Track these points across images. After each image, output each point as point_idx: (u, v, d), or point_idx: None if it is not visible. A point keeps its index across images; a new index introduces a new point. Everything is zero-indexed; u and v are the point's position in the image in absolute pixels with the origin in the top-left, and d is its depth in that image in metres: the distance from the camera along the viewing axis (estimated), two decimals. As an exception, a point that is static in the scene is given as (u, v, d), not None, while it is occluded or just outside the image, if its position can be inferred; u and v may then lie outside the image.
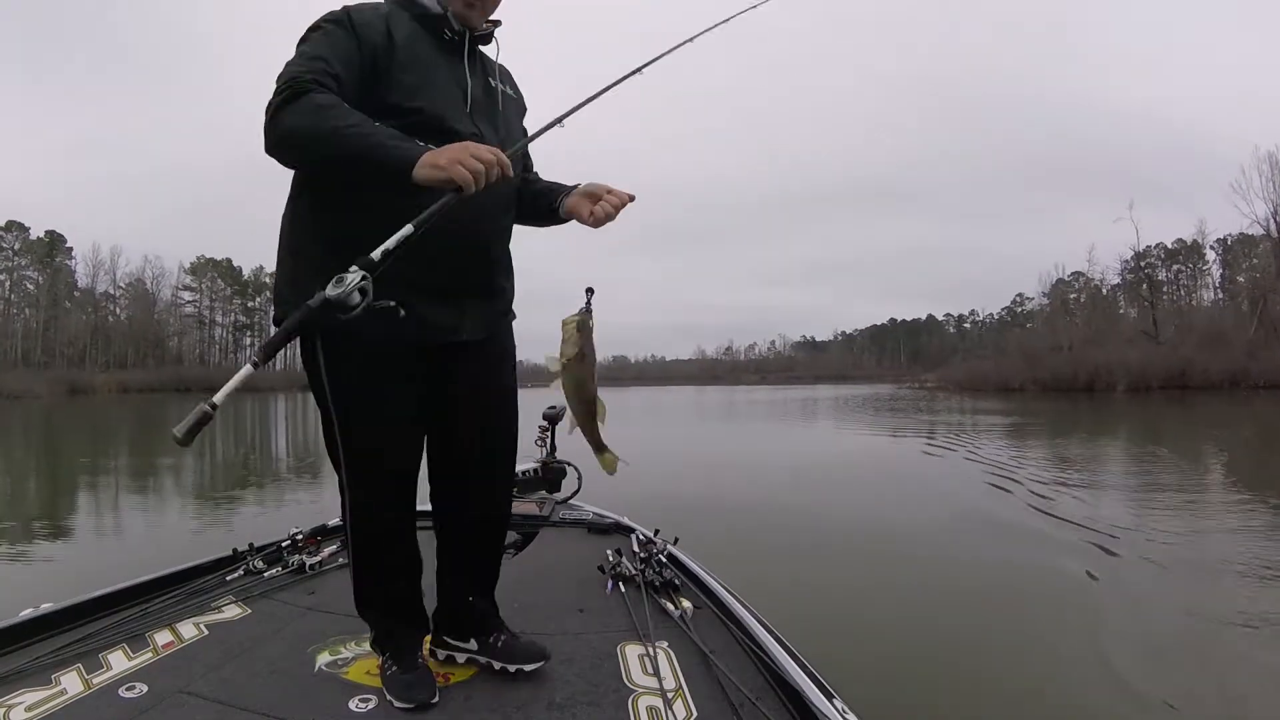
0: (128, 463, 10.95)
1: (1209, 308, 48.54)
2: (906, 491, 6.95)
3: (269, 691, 1.53)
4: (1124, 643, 2.82)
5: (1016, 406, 22.93)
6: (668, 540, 2.36)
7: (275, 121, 1.27)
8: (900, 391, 41.51)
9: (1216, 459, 10.03)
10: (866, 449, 11.58)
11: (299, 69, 1.30)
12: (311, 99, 1.25)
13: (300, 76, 1.28)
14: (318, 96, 1.26)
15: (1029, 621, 3.22)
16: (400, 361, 1.44)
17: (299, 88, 1.26)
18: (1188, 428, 15.20)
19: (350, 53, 1.35)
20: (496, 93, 1.58)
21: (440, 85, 1.45)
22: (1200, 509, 5.90)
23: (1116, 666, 2.62)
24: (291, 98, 1.25)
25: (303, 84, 1.27)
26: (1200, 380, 30.35)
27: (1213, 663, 2.71)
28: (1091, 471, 8.28)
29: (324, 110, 1.24)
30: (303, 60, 1.32)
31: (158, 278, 70.86)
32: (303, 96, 1.25)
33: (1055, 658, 2.75)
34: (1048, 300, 56.51)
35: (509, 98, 1.63)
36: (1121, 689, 2.46)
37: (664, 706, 1.44)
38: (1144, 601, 3.44)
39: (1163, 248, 61.41)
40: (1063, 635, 2.97)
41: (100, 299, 66.56)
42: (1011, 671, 2.67)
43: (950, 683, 2.56)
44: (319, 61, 1.31)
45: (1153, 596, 3.55)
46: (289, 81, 1.27)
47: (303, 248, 1.45)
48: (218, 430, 18.20)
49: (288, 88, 1.26)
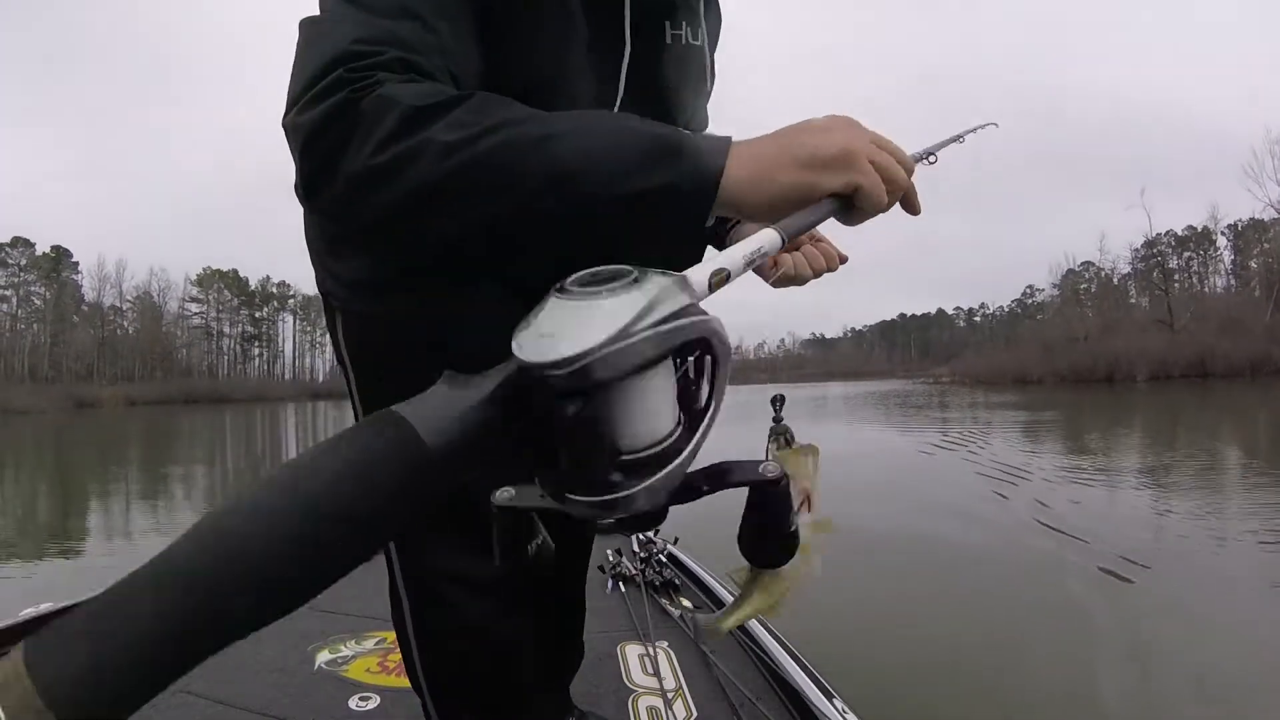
0: (139, 473, 11.04)
1: (1224, 294, 48.07)
2: (927, 494, 6.67)
3: (268, 690, 1.54)
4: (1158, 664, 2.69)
5: (1039, 399, 21.80)
6: (668, 540, 2.36)
7: (362, 178, 0.58)
8: (914, 387, 40.88)
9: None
10: (895, 452, 10.36)
11: (360, 46, 0.60)
12: (427, 127, 0.57)
13: (344, 90, 0.58)
14: (436, 116, 0.57)
15: (1045, 627, 3.15)
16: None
17: (367, 115, 0.57)
18: (1233, 417, 14.34)
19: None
20: (683, 46, 0.86)
21: (575, 37, 0.76)
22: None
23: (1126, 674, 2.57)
24: (369, 137, 0.57)
25: (357, 106, 0.58)
26: (1223, 368, 29.83)
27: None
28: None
29: (494, 130, 0.57)
30: (351, 48, 0.60)
31: (164, 290, 71.96)
32: (402, 131, 0.56)
33: (1056, 659, 2.70)
34: (1058, 291, 56.18)
35: (693, 52, 0.88)
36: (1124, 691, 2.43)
37: (664, 706, 1.43)
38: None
39: (1173, 235, 60.90)
40: (1067, 640, 2.91)
41: (108, 312, 67.49)
42: (1012, 672, 2.63)
43: (950, 683, 2.53)
44: (370, 45, 0.60)
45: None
46: (345, 83, 0.58)
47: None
48: (228, 440, 18.40)
49: (339, 112, 0.58)
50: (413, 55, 0.61)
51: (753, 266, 0.55)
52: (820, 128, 0.62)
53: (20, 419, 32.67)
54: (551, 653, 1.12)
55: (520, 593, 0.92)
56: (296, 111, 0.60)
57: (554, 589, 1.08)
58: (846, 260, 0.93)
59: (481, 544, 0.57)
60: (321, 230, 0.88)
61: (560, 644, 1.16)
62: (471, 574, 0.87)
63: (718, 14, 0.98)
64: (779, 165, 0.60)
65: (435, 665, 0.94)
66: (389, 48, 0.60)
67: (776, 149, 0.61)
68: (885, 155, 0.63)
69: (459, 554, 0.86)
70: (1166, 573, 3.76)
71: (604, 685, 1.53)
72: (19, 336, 60.82)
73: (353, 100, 0.57)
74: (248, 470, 11.15)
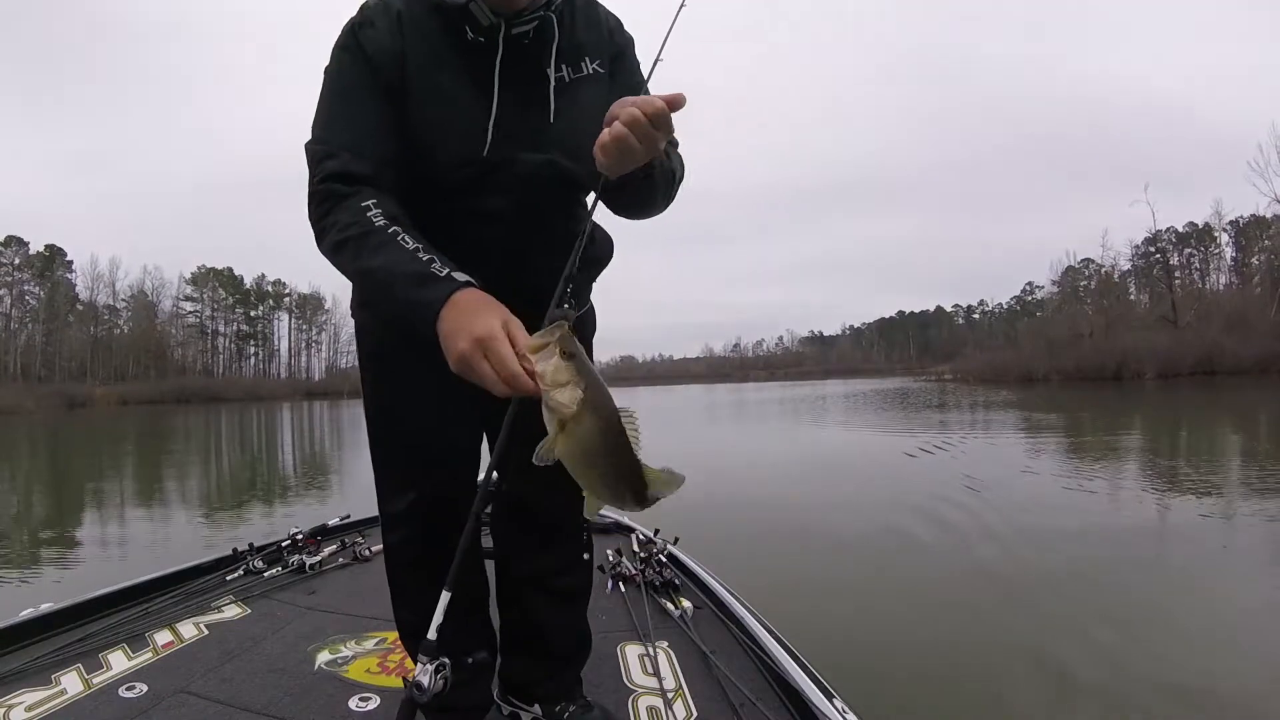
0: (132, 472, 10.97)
1: (1227, 291, 48.04)
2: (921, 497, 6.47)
3: (269, 691, 1.53)
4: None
5: (1053, 399, 20.97)
6: (668, 540, 2.35)
7: (324, 247, 1.11)
8: (915, 385, 40.38)
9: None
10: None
11: (311, 169, 1.12)
12: (331, 224, 1.08)
13: (314, 187, 1.11)
14: (338, 216, 1.07)
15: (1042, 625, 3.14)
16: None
17: (318, 208, 1.10)
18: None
19: (370, 89, 1.14)
20: (547, 92, 1.20)
21: (460, 108, 1.16)
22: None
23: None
24: (316, 221, 1.11)
25: (319, 199, 1.10)
26: (1231, 365, 29.70)
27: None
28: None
29: (346, 244, 1.06)
30: (314, 147, 1.13)
31: (158, 288, 71.77)
32: (325, 221, 1.09)
33: (1057, 660, 2.70)
34: (1058, 288, 56.09)
35: (580, 82, 1.23)
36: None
37: (664, 706, 1.43)
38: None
39: (1174, 231, 60.89)
40: (1069, 640, 2.90)
41: (102, 311, 67.11)
42: (1013, 672, 2.62)
43: (950, 683, 2.53)
44: (324, 146, 1.12)
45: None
46: (310, 193, 1.12)
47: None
48: (223, 439, 18.33)
49: (311, 199, 1.11)
50: (353, 169, 1.10)
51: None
52: (447, 334, 0.95)
53: (3, 420, 30.94)
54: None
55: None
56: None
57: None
58: (682, 100, 1.03)
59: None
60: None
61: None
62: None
63: (599, 29, 1.27)
64: (444, 338, 0.96)
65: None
66: (325, 175, 1.11)
67: (450, 330, 0.94)
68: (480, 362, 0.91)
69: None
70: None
71: (604, 685, 1.53)
72: (13, 336, 60.57)
73: (316, 215, 1.12)
74: (245, 466, 11.13)
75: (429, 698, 1.05)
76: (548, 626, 1.40)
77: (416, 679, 1.04)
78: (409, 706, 1.07)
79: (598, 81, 1.24)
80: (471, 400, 1.18)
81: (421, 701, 1.05)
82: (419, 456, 1.29)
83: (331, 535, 2.70)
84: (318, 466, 11.01)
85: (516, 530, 1.39)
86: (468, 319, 0.92)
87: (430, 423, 1.27)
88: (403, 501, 1.30)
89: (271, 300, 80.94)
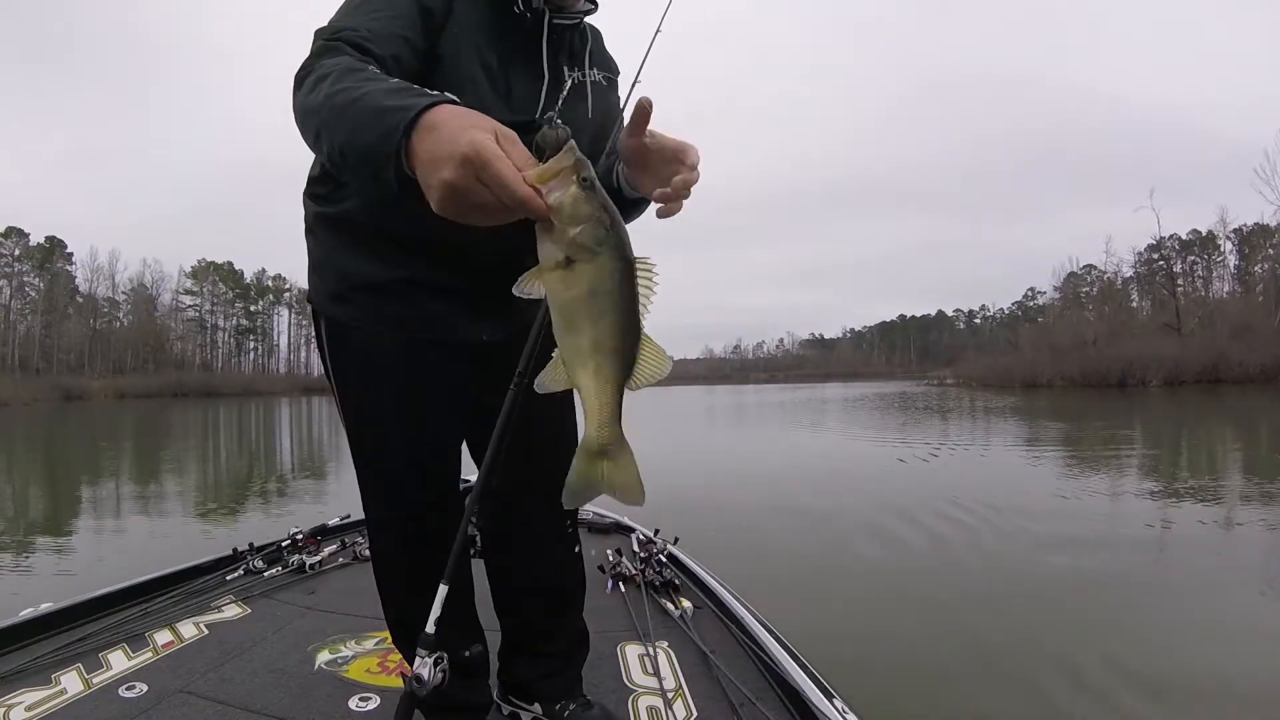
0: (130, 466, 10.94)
1: (1230, 299, 47.97)
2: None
3: (269, 691, 1.54)
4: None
5: (1062, 406, 20.61)
6: (668, 540, 2.36)
7: (302, 90, 0.92)
8: (918, 389, 39.92)
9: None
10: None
11: (320, 36, 1.00)
12: (319, 64, 0.92)
13: (318, 44, 0.97)
14: (332, 58, 0.92)
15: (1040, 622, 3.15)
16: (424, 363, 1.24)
17: (308, 62, 0.94)
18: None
19: (409, 4, 1.05)
20: (585, 89, 1.23)
21: (497, 74, 1.13)
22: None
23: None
24: (305, 64, 0.94)
25: (318, 52, 0.95)
26: (1236, 373, 29.54)
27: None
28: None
29: (326, 78, 0.87)
30: (326, 27, 1.02)
31: (158, 281, 71.46)
32: (314, 61, 0.93)
33: (1057, 659, 2.69)
34: (1060, 294, 56.09)
35: (610, 87, 1.30)
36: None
37: (664, 706, 1.43)
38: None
39: (1177, 239, 60.80)
40: (1070, 638, 2.90)
41: (101, 304, 66.91)
42: (1012, 673, 2.62)
43: (950, 683, 2.52)
44: (340, 23, 1.01)
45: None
46: (311, 49, 0.97)
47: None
48: (221, 436, 18.33)
49: (310, 54, 0.96)
50: (364, 42, 0.98)
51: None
52: (425, 164, 0.73)
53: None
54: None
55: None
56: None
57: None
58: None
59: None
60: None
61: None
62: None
63: (606, 51, 1.32)
64: (418, 158, 0.74)
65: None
66: (336, 36, 0.98)
67: (428, 146, 0.73)
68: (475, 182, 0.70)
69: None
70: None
71: (604, 685, 1.53)
72: (11, 327, 60.38)
73: (303, 69, 0.94)
74: (243, 464, 11.11)
75: (429, 690, 1.05)
76: (546, 627, 1.42)
77: (416, 672, 1.05)
78: (409, 700, 1.07)
79: (614, 91, 1.33)
80: (451, 407, 1.25)
81: (421, 695, 1.05)
82: (398, 464, 1.27)
83: (331, 535, 2.70)
84: (317, 467, 10.98)
85: (505, 536, 1.39)
86: (448, 138, 0.70)
87: (411, 430, 1.25)
88: (385, 509, 1.31)
89: (272, 295, 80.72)
